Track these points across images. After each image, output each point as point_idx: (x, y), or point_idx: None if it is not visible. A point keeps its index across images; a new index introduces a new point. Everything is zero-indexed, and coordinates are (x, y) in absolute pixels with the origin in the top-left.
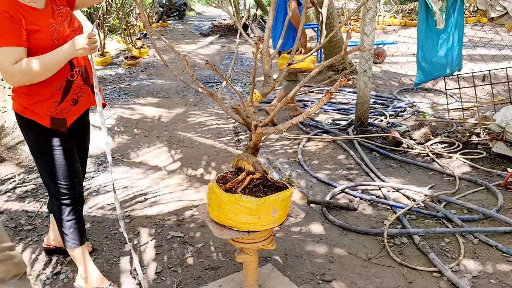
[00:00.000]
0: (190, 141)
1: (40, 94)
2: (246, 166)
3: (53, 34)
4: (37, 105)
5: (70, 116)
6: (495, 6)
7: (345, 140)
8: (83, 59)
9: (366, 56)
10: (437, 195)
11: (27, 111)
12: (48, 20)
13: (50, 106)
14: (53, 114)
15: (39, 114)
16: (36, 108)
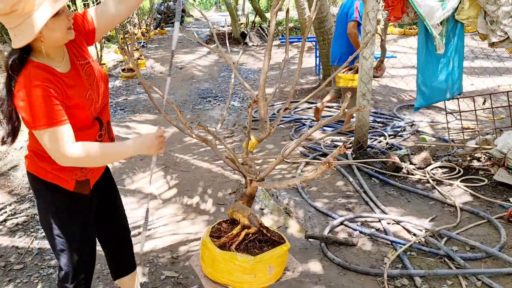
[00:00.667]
0: (186, 164)
1: None
2: (241, 219)
3: (91, 107)
4: (62, 170)
5: (94, 176)
6: (496, 31)
7: (344, 165)
8: (108, 114)
9: (364, 79)
10: (438, 230)
11: (49, 175)
12: (83, 88)
13: (75, 169)
14: (78, 177)
15: (64, 178)
16: (62, 173)
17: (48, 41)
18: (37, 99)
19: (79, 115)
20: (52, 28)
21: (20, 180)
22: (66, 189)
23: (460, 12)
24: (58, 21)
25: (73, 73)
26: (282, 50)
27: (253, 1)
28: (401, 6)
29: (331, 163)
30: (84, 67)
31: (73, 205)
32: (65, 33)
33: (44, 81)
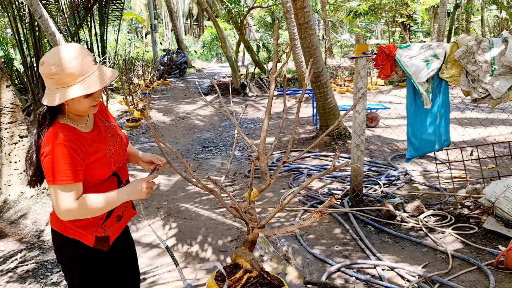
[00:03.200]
0: (189, 212)
1: None
2: (243, 264)
3: (110, 161)
4: (83, 226)
5: (114, 233)
6: (477, 89)
7: (341, 213)
8: (126, 172)
9: (358, 131)
10: (431, 276)
11: (71, 231)
12: (104, 143)
13: (95, 225)
14: (98, 233)
15: (84, 234)
16: (83, 229)
17: (73, 109)
18: (58, 157)
19: (99, 169)
20: (79, 103)
21: (30, 228)
22: (87, 244)
23: (444, 71)
24: (85, 100)
25: (96, 132)
26: (280, 101)
27: (252, 54)
28: (390, 65)
29: (323, 212)
30: (108, 128)
31: (93, 260)
32: (87, 108)
33: (67, 141)
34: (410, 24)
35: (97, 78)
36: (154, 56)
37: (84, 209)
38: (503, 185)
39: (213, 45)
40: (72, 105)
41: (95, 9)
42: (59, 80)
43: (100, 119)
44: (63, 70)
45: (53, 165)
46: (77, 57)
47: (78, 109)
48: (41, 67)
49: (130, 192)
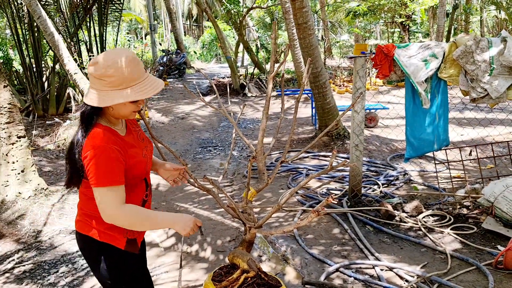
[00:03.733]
0: (187, 213)
1: None
2: (241, 264)
3: (146, 165)
4: (115, 228)
5: (140, 236)
6: (476, 88)
7: (339, 213)
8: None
9: (357, 131)
10: (430, 276)
11: (103, 235)
12: (139, 147)
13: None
14: (129, 235)
15: (116, 237)
16: (114, 231)
17: (116, 112)
18: (103, 159)
19: (136, 172)
20: (124, 107)
21: (27, 228)
22: (118, 248)
23: (443, 70)
24: (130, 105)
25: (130, 136)
26: (279, 101)
27: (252, 54)
28: (389, 65)
29: (319, 212)
30: (138, 133)
31: (124, 264)
32: (129, 113)
33: (111, 142)
34: (409, 25)
35: (148, 85)
36: (153, 56)
37: (129, 217)
38: (502, 185)
39: (213, 46)
40: (117, 109)
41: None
42: (113, 82)
43: (131, 124)
44: (119, 72)
45: (99, 167)
46: (132, 62)
47: (120, 113)
48: (94, 67)
49: (176, 222)
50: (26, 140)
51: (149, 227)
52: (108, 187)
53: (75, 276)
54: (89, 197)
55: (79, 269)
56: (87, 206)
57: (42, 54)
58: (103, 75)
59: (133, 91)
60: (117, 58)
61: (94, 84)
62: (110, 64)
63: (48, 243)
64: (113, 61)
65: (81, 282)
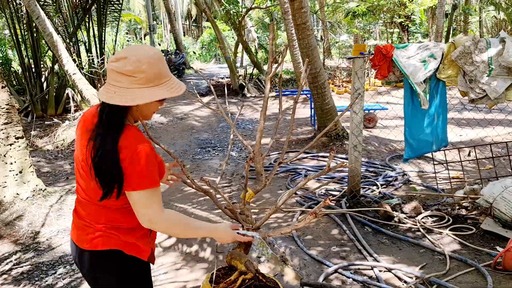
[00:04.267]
0: (186, 213)
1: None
2: (238, 266)
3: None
4: (142, 239)
5: (153, 245)
6: (474, 89)
7: (338, 214)
8: None
9: (355, 132)
10: (428, 277)
11: (131, 247)
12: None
13: (147, 236)
14: (152, 245)
15: (143, 248)
16: (141, 242)
17: (140, 112)
18: (149, 159)
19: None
20: (149, 107)
21: (25, 229)
22: (141, 259)
23: (441, 71)
24: (156, 104)
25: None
26: (278, 102)
27: (251, 55)
28: (387, 66)
29: (317, 213)
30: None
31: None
32: (151, 113)
33: (149, 142)
34: (408, 25)
35: (176, 84)
36: None
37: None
38: (500, 185)
39: (212, 46)
40: (143, 108)
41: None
42: (145, 79)
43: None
44: (152, 68)
45: (147, 168)
46: (162, 59)
47: (144, 113)
48: (121, 62)
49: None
50: (24, 141)
51: (188, 234)
52: (151, 189)
53: (73, 278)
54: (115, 209)
55: (77, 270)
56: (110, 218)
57: (41, 55)
58: (134, 71)
59: (165, 88)
60: (147, 54)
61: (119, 82)
62: (142, 59)
63: (46, 244)
64: (144, 56)
65: (79, 283)
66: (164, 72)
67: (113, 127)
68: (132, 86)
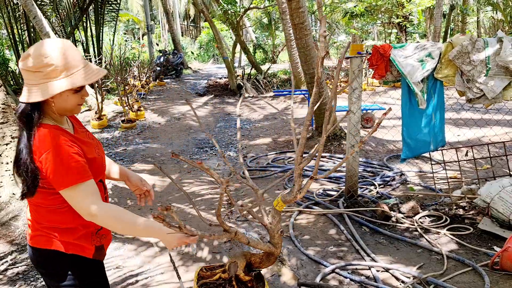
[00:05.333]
0: (183, 213)
1: (85, 224)
2: (227, 264)
3: (102, 164)
4: (83, 237)
5: (106, 242)
6: (472, 88)
7: (335, 213)
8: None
9: (353, 132)
10: (426, 277)
11: (70, 246)
12: (91, 146)
13: (92, 234)
14: (96, 243)
15: (85, 246)
16: (82, 240)
17: (58, 107)
18: (65, 157)
19: (93, 171)
20: (66, 100)
21: (21, 230)
22: (86, 257)
23: (439, 71)
24: (73, 96)
25: (79, 135)
26: (275, 102)
27: (249, 55)
28: (385, 65)
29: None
30: (86, 133)
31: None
32: (74, 107)
33: (65, 140)
34: (406, 26)
35: (84, 74)
36: (150, 57)
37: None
38: (498, 185)
39: (210, 46)
40: (59, 103)
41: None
42: (52, 72)
43: (77, 125)
44: (58, 60)
45: (64, 165)
46: (66, 51)
47: (64, 107)
48: (26, 61)
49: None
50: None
51: (132, 231)
52: (79, 184)
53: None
54: (49, 209)
55: None
56: (47, 218)
57: None
58: (39, 66)
59: (67, 80)
60: (51, 47)
61: (29, 80)
62: (44, 53)
63: None
64: (48, 50)
65: None
66: (74, 62)
67: (27, 126)
68: (41, 81)
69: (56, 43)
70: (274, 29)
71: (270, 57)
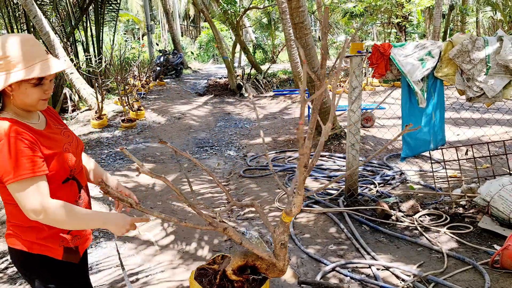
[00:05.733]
0: (183, 212)
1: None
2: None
3: (68, 158)
4: (49, 238)
5: (82, 243)
6: (472, 87)
7: (335, 212)
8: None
9: (353, 130)
10: (426, 275)
11: (35, 246)
12: (59, 141)
13: (62, 236)
14: (65, 244)
15: (51, 247)
16: (48, 241)
17: (19, 101)
18: (16, 150)
19: (56, 166)
20: (25, 93)
21: None
22: (55, 258)
23: (439, 70)
24: (33, 90)
25: (49, 131)
26: (276, 101)
27: (249, 55)
28: (385, 64)
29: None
30: (62, 131)
31: (64, 275)
32: (35, 101)
33: (20, 133)
34: (406, 26)
35: (41, 66)
36: (150, 57)
37: (55, 213)
38: (498, 184)
39: (210, 46)
40: (18, 96)
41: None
42: (7, 64)
43: (53, 122)
44: (14, 52)
45: (12, 158)
46: (28, 41)
47: (25, 101)
48: None
49: (110, 220)
50: None
51: (78, 225)
52: (26, 179)
53: None
54: (13, 205)
55: None
56: (13, 215)
57: None
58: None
59: (31, 69)
60: (10, 40)
61: None
62: (2, 46)
63: None
64: (6, 43)
65: None
66: (31, 54)
67: None
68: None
69: (15, 37)
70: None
71: (270, 57)
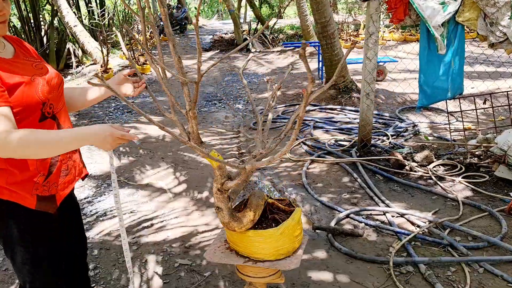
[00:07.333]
0: (194, 162)
1: (22, 168)
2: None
3: (37, 88)
4: (20, 183)
5: (60, 191)
6: (495, 32)
7: (348, 162)
8: (69, 121)
9: (368, 79)
10: (442, 221)
11: (5, 191)
12: (27, 70)
13: (36, 182)
14: (39, 192)
15: (22, 195)
16: (18, 187)
17: None
18: None
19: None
20: None
21: None
22: (28, 207)
23: (461, 14)
24: None
25: (16, 60)
26: (284, 56)
27: (255, 9)
28: (404, 9)
29: None
30: (34, 63)
31: (38, 226)
32: None
33: None
34: None
35: None
36: (153, 11)
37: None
38: None
39: (214, 2)
40: None
41: None
42: None
43: (24, 55)
44: None
45: None
46: None
47: None
48: None
49: (87, 134)
50: None
51: (55, 150)
52: None
53: (84, 221)
54: None
55: (88, 214)
56: None
57: (40, 8)
58: None
59: None
60: None
61: None
62: None
63: None
64: None
65: (91, 226)
66: None
67: None
68: None
69: None
70: None
71: (276, 12)
